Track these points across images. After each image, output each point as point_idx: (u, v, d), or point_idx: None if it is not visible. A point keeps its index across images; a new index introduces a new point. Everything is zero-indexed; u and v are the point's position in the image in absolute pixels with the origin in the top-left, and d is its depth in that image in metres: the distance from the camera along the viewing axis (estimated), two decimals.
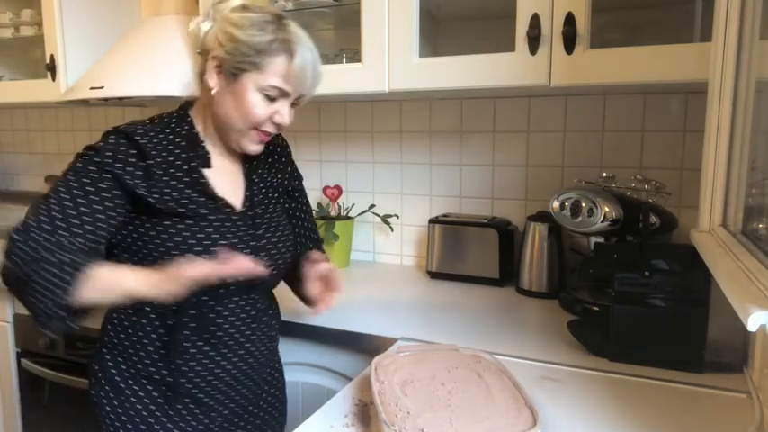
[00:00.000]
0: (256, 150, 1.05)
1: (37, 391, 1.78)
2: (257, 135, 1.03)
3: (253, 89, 0.98)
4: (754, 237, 0.81)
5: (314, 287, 1.13)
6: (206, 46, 1.01)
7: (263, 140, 1.04)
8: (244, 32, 0.96)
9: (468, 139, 1.75)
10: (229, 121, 1.01)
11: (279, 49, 0.97)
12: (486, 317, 1.38)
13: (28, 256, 0.90)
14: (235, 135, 1.03)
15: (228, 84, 0.99)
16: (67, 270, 0.89)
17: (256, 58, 0.97)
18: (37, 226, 0.93)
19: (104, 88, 1.70)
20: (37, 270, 0.89)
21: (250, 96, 0.98)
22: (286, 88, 0.99)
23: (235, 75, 0.98)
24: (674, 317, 1.05)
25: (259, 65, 0.97)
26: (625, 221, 1.23)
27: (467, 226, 1.65)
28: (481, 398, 0.87)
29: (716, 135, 0.95)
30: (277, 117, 1.02)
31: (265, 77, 0.98)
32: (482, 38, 1.59)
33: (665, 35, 1.24)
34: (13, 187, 2.65)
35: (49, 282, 0.89)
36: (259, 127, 1.02)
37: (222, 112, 1.01)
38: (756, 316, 0.56)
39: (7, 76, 2.29)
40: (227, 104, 1.00)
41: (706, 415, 0.91)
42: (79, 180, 0.95)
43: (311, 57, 1.00)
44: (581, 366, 1.08)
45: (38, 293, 0.90)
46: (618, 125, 1.55)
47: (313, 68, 1.01)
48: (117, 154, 0.96)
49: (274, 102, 1.00)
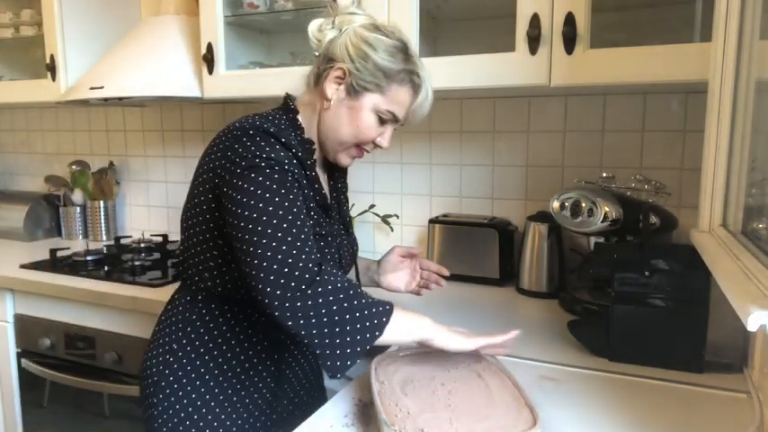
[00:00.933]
0: (348, 164, 1.08)
1: (37, 391, 1.78)
2: (356, 152, 1.06)
3: (370, 109, 1.00)
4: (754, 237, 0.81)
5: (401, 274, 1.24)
6: (331, 54, 1.01)
7: (358, 157, 1.07)
8: (377, 54, 0.98)
9: (468, 139, 1.75)
10: (337, 134, 1.02)
11: (405, 79, 1.00)
12: (486, 317, 1.38)
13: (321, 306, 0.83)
14: (336, 147, 1.04)
15: (348, 98, 1.00)
16: (377, 311, 0.86)
17: (383, 82, 0.99)
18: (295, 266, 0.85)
19: (104, 88, 1.70)
20: (340, 316, 0.84)
21: (366, 115, 1.00)
22: (401, 116, 1.03)
23: (357, 91, 1.00)
24: (674, 317, 1.05)
25: (384, 89, 0.99)
26: (625, 221, 1.23)
27: (467, 226, 1.65)
28: (481, 398, 0.87)
29: (716, 135, 0.95)
30: (380, 139, 1.05)
31: (386, 102, 1.00)
32: (482, 38, 1.59)
33: (666, 35, 1.23)
34: (13, 187, 2.65)
35: (358, 325, 0.85)
36: (362, 145, 1.05)
37: (333, 123, 1.02)
38: (756, 316, 0.55)
39: (7, 76, 2.29)
40: (340, 117, 1.01)
41: (706, 415, 0.91)
42: (288, 194, 0.89)
43: (431, 94, 1.05)
44: (581, 366, 1.08)
45: (342, 337, 0.84)
46: (618, 125, 1.55)
47: (430, 103, 1.05)
48: (289, 160, 0.93)
49: (384, 124, 1.03)
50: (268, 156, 0.90)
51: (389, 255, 1.22)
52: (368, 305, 0.87)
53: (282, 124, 1.00)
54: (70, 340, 1.68)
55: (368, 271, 1.25)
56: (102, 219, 2.27)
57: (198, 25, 1.68)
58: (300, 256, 0.85)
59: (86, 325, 1.65)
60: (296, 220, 0.88)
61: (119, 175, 2.36)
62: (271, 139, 0.93)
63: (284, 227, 0.86)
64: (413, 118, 1.06)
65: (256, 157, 0.90)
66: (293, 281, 0.83)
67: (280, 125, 0.99)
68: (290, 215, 0.87)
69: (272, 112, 1.04)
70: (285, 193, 0.89)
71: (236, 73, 1.67)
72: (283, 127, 0.99)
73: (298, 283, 0.83)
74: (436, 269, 1.22)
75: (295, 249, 0.85)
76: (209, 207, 0.97)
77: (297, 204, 0.90)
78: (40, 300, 1.72)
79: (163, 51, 1.75)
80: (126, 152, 2.36)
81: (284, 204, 0.88)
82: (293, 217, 0.88)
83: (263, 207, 0.87)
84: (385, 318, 0.87)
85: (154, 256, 1.92)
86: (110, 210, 2.29)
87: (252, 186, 0.88)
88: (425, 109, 1.06)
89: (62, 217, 2.31)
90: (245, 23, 1.76)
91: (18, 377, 1.81)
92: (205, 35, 1.66)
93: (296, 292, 0.83)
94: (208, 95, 1.70)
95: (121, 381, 1.60)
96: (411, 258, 1.22)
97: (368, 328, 0.85)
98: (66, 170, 2.36)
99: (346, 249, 1.12)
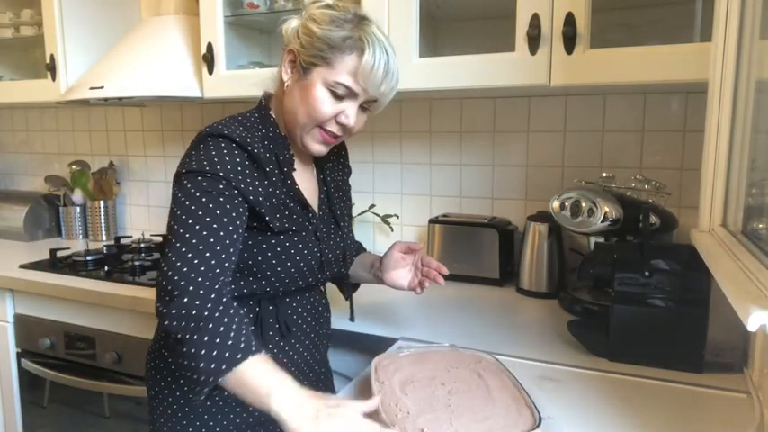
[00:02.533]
0: (319, 151, 1.03)
1: (37, 391, 1.78)
2: (320, 134, 1.00)
3: (320, 84, 0.96)
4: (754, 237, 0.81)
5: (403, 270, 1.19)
6: (287, 41, 1.01)
7: (326, 141, 1.01)
8: (320, 27, 0.95)
9: (468, 139, 1.75)
10: (296, 117, 0.99)
11: (352, 46, 0.95)
12: (486, 317, 1.38)
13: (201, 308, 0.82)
14: (299, 131, 1.00)
15: (300, 78, 0.98)
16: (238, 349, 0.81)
17: (328, 53, 0.95)
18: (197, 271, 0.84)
19: (104, 88, 1.70)
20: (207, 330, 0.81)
21: (316, 91, 0.96)
22: (354, 87, 0.96)
23: (306, 69, 0.97)
24: (674, 317, 1.05)
25: (329, 60, 0.95)
26: (625, 221, 1.23)
27: (467, 226, 1.65)
28: (481, 398, 0.87)
29: (716, 135, 0.95)
30: (342, 117, 0.99)
31: (334, 74, 0.95)
32: (482, 38, 1.59)
33: (665, 35, 1.23)
34: (13, 187, 2.65)
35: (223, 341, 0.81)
36: (323, 125, 0.99)
37: (290, 105, 1.00)
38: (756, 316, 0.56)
39: (7, 76, 2.29)
40: (295, 99, 0.99)
41: (706, 415, 0.91)
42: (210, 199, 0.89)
43: (385, 59, 0.97)
44: (581, 366, 1.08)
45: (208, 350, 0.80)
46: (618, 125, 1.55)
47: (385, 71, 0.97)
48: (237, 165, 0.92)
49: (341, 101, 0.98)
50: (202, 164, 0.90)
51: (391, 251, 1.21)
52: (227, 333, 0.82)
53: (251, 123, 1.00)
54: (70, 340, 1.68)
55: (372, 268, 1.23)
56: (102, 219, 2.27)
57: (198, 25, 1.68)
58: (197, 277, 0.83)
59: (86, 325, 1.65)
60: (210, 236, 0.86)
61: (119, 175, 2.36)
62: (225, 144, 0.93)
63: (193, 242, 0.85)
64: (368, 87, 0.97)
65: (193, 164, 0.91)
66: (162, 291, 0.83)
67: (247, 125, 0.99)
68: (204, 230, 0.87)
69: (246, 111, 1.04)
70: (206, 202, 0.88)
71: (236, 73, 1.67)
72: (249, 125, 0.99)
73: (165, 293, 0.83)
74: (436, 266, 1.20)
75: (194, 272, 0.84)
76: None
77: (216, 215, 0.88)
78: (40, 300, 1.72)
79: (163, 51, 1.75)
80: (126, 152, 2.36)
81: (198, 214, 0.87)
82: (208, 232, 0.87)
83: (180, 215, 0.88)
84: (240, 354, 0.80)
85: (154, 256, 1.92)
86: (110, 210, 2.29)
87: (179, 194, 0.90)
88: (378, 76, 0.96)
89: (62, 217, 2.31)
90: (245, 23, 1.76)
91: (18, 377, 1.81)
92: (205, 35, 1.66)
93: (163, 303, 0.83)
94: (208, 95, 1.70)
95: (121, 381, 1.60)
96: (412, 254, 1.20)
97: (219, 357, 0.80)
98: (66, 170, 2.36)
99: (333, 249, 1.09)
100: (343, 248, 1.12)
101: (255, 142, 0.96)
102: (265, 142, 1.00)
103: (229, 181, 0.91)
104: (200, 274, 0.84)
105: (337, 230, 1.12)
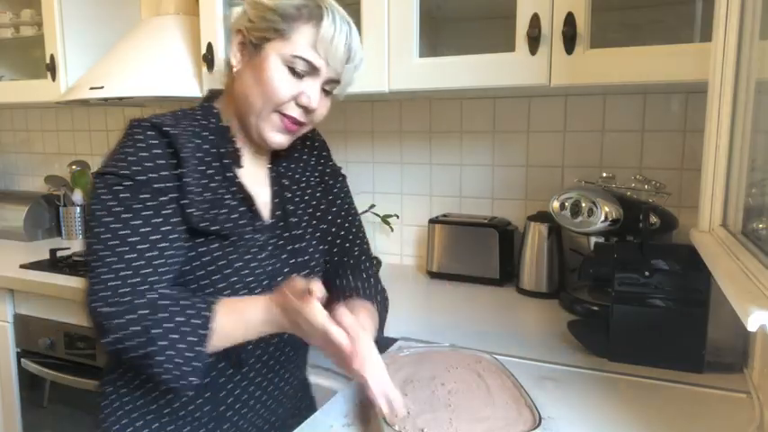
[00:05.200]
0: (280, 142, 0.90)
1: (37, 391, 1.78)
2: (280, 120, 0.88)
3: (275, 60, 0.85)
4: (754, 237, 0.81)
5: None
6: (234, 24, 0.90)
7: (288, 129, 0.89)
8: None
9: (469, 139, 1.75)
10: (248, 100, 0.87)
11: (308, 15, 0.85)
12: (486, 317, 1.38)
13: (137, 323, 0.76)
14: (254, 119, 0.88)
15: (251, 58, 0.87)
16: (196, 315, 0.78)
17: (281, 25, 0.85)
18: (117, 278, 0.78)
19: (104, 88, 1.70)
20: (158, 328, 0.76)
21: (271, 68, 0.85)
22: (314, 61, 0.86)
23: (257, 45, 0.86)
24: (674, 317, 1.05)
25: (284, 32, 0.85)
26: (625, 221, 1.23)
27: (467, 226, 1.65)
28: (481, 398, 0.87)
29: (716, 135, 0.95)
30: (303, 98, 0.87)
31: (290, 46, 0.85)
32: (482, 38, 1.59)
33: (665, 35, 1.23)
34: (12, 187, 2.65)
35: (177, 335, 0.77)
36: (282, 109, 0.87)
37: (241, 90, 0.88)
38: (756, 316, 0.56)
39: (7, 76, 2.29)
40: (246, 81, 0.87)
41: (706, 415, 0.91)
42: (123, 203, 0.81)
43: (346, 29, 0.87)
44: (581, 366, 1.08)
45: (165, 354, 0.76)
46: (618, 125, 1.55)
47: (347, 42, 0.87)
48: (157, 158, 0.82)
49: (301, 79, 0.87)
50: (128, 163, 0.81)
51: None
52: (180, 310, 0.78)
53: (186, 116, 0.89)
54: (70, 340, 1.68)
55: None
56: None
57: (198, 25, 1.68)
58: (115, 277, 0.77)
59: (86, 325, 1.65)
60: (125, 238, 0.79)
61: None
62: (153, 134, 0.83)
63: (109, 244, 0.78)
64: (330, 59, 0.87)
65: (112, 161, 0.82)
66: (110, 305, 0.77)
67: (180, 116, 0.89)
68: (120, 231, 0.79)
69: (188, 109, 0.93)
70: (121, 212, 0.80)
71: None
72: (183, 116, 0.89)
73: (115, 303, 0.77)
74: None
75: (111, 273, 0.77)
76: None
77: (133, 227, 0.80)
78: (40, 300, 1.72)
79: (163, 51, 1.75)
80: None
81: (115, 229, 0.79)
82: (123, 233, 0.79)
83: (97, 218, 0.80)
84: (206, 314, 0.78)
85: None
86: None
87: (95, 205, 0.81)
88: (340, 46, 0.86)
89: (62, 217, 2.31)
90: None
91: (18, 377, 1.81)
92: (205, 35, 1.66)
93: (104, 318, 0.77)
94: None
95: None
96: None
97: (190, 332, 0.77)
98: (66, 170, 2.36)
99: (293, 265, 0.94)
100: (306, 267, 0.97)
101: (186, 133, 0.85)
102: (205, 133, 0.88)
103: (149, 180, 0.81)
104: (127, 294, 0.78)
105: (293, 242, 0.96)
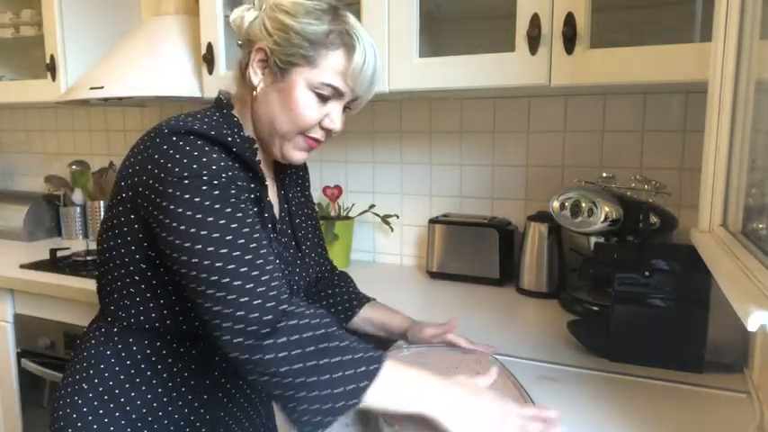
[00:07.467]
0: (300, 159, 0.92)
1: (37, 391, 1.78)
2: (304, 141, 0.89)
3: (303, 86, 0.85)
4: (754, 237, 0.81)
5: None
6: (250, 36, 0.88)
7: (310, 147, 0.91)
8: (296, 21, 0.84)
9: (469, 139, 1.75)
10: (274, 125, 0.87)
11: (336, 42, 0.85)
12: (486, 317, 1.38)
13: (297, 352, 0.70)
14: (279, 141, 0.89)
15: (275, 80, 0.86)
16: (363, 361, 0.71)
17: (309, 51, 0.84)
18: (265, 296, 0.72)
19: (104, 88, 1.70)
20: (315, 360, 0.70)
21: (299, 94, 0.85)
22: (342, 87, 0.87)
23: (283, 69, 0.85)
24: (674, 317, 1.05)
25: (312, 59, 0.84)
26: (625, 221, 1.23)
27: (467, 226, 1.65)
28: None
29: (716, 135, 0.95)
30: (327, 121, 0.88)
31: (319, 74, 0.85)
32: (482, 38, 1.59)
33: (665, 35, 1.24)
34: (12, 187, 2.65)
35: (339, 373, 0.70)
36: (307, 132, 0.89)
37: (266, 113, 0.88)
38: (756, 316, 0.55)
39: (7, 76, 2.29)
40: (272, 104, 0.87)
41: (706, 415, 0.91)
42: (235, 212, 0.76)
43: (373, 54, 0.88)
44: (581, 366, 1.08)
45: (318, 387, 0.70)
46: (618, 125, 1.55)
47: (374, 68, 0.88)
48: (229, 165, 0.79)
49: (326, 103, 0.88)
50: (202, 165, 0.76)
51: (420, 333, 1.05)
52: (350, 348, 0.72)
53: (215, 122, 0.86)
54: (70, 340, 1.68)
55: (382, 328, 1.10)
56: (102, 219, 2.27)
57: (198, 25, 1.68)
58: (257, 290, 0.72)
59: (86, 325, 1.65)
60: (249, 243, 0.74)
61: None
62: (203, 141, 0.79)
63: (234, 255, 0.73)
64: (357, 87, 0.87)
65: (186, 169, 0.75)
66: (253, 325, 0.70)
67: (211, 123, 0.84)
68: (240, 238, 0.74)
69: (202, 111, 0.90)
70: (231, 210, 0.75)
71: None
72: (215, 125, 0.84)
73: (259, 326, 0.71)
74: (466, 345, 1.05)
75: (251, 282, 0.72)
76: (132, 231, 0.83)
77: (247, 222, 0.76)
78: (40, 300, 1.72)
79: (163, 51, 1.75)
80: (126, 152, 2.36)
81: (231, 226, 0.74)
82: (246, 240, 0.74)
83: (207, 234, 0.73)
84: (375, 365, 0.71)
85: None
86: None
87: (187, 208, 0.74)
88: (368, 74, 0.87)
89: (62, 217, 2.31)
90: None
91: (18, 377, 1.81)
92: (205, 35, 1.66)
93: (258, 339, 0.70)
94: (208, 95, 1.70)
95: None
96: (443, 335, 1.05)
97: (352, 377, 0.70)
98: (66, 170, 2.36)
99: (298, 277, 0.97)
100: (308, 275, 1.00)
101: (231, 143, 0.83)
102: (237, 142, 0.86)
103: (232, 177, 0.78)
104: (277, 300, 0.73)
105: (297, 254, 0.99)
